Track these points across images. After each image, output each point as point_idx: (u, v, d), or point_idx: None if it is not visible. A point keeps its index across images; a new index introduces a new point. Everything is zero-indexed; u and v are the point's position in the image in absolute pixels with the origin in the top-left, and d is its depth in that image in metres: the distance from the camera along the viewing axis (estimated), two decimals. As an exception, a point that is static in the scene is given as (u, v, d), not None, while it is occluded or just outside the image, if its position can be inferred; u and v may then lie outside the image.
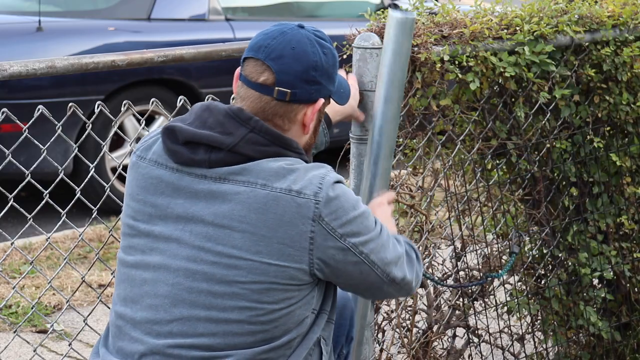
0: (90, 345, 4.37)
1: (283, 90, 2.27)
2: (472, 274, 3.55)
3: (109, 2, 6.95)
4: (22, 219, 2.80)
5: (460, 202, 3.48)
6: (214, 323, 2.23)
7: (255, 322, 2.23)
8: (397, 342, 3.41)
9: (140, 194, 2.31)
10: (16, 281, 3.15)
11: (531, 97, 3.47)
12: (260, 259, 2.21)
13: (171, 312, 2.25)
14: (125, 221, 2.35)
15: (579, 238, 3.71)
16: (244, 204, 2.21)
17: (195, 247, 2.24)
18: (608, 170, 3.74)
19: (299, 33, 2.30)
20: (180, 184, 2.27)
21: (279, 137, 2.26)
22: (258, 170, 2.23)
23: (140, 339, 2.28)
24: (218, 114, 2.26)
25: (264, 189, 2.21)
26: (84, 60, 2.73)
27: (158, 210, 2.28)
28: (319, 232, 2.23)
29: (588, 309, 3.73)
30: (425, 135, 3.28)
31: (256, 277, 2.21)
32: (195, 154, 2.24)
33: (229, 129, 2.24)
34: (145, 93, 6.40)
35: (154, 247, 2.28)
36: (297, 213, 2.21)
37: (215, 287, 2.22)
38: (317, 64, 2.29)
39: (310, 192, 2.22)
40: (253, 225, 2.21)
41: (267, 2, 7.65)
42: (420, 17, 3.23)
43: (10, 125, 5.68)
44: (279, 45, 2.27)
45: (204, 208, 2.24)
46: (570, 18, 3.45)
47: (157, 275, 2.27)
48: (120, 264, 2.36)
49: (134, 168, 2.35)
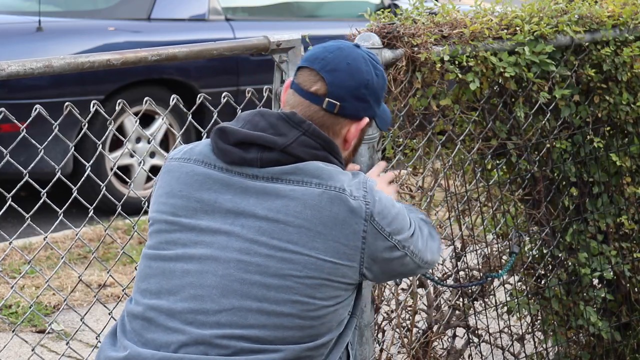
0: (89, 345, 4.38)
1: (333, 102, 2.33)
2: (472, 274, 3.55)
3: (109, 2, 6.95)
4: (22, 218, 2.80)
5: (460, 202, 3.48)
6: (265, 315, 2.24)
7: (305, 317, 2.26)
8: (397, 342, 3.41)
9: (183, 190, 2.32)
10: (15, 281, 3.15)
11: (531, 97, 3.47)
12: (316, 254, 2.25)
13: (220, 302, 2.25)
14: (161, 218, 2.35)
15: (579, 238, 3.71)
16: (299, 200, 2.26)
17: (248, 240, 2.26)
18: (608, 170, 3.74)
19: (355, 51, 2.37)
20: (229, 181, 2.30)
21: (329, 143, 2.33)
22: (312, 169, 2.28)
23: (180, 329, 2.26)
24: (270, 116, 2.31)
25: (319, 187, 2.27)
26: (80, 59, 2.73)
27: (204, 205, 2.30)
28: (370, 232, 2.30)
29: (588, 309, 3.73)
30: (425, 135, 3.28)
31: (311, 272, 2.25)
32: (247, 153, 2.28)
33: (281, 131, 2.29)
34: (145, 93, 6.39)
35: (198, 240, 2.29)
36: (351, 212, 2.27)
37: (269, 280, 2.24)
38: (368, 83, 2.36)
39: (360, 194, 2.29)
40: (309, 222, 2.25)
41: (267, 2, 7.66)
42: (420, 17, 3.23)
43: (10, 125, 5.69)
44: (335, 59, 2.34)
45: (256, 203, 2.27)
46: (570, 18, 3.45)
47: (203, 266, 2.28)
48: (149, 259, 2.35)
49: (173, 170, 2.37)
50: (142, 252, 2.39)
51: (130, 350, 2.28)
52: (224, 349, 2.23)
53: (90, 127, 6.03)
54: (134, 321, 2.33)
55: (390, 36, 3.06)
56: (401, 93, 3.13)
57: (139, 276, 2.38)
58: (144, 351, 2.27)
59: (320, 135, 2.31)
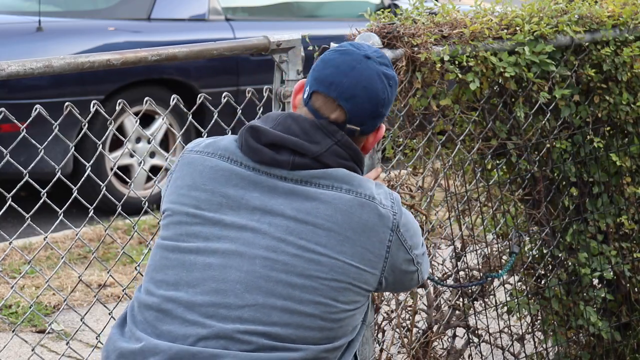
0: (89, 345, 4.38)
1: (353, 128, 2.34)
2: (472, 274, 3.55)
3: (109, 2, 6.95)
4: (21, 218, 2.80)
5: (460, 202, 3.48)
6: (289, 313, 2.25)
7: (327, 319, 2.27)
8: (397, 342, 3.41)
9: (207, 184, 2.32)
10: (15, 281, 3.15)
11: (531, 97, 3.47)
12: (344, 258, 2.27)
13: (243, 298, 2.25)
14: (181, 210, 2.34)
15: (579, 238, 3.71)
16: (329, 204, 2.28)
17: (275, 238, 2.27)
18: (608, 170, 3.74)
19: (368, 68, 2.34)
20: (257, 179, 2.30)
21: (358, 154, 2.35)
22: (341, 175, 2.30)
23: (199, 322, 2.25)
24: (303, 122, 2.31)
25: (349, 193, 2.29)
26: (80, 59, 2.73)
27: (230, 200, 2.30)
28: (395, 242, 2.33)
29: (588, 309, 3.73)
30: (425, 135, 3.28)
31: (337, 276, 2.27)
32: (278, 154, 2.29)
33: (315, 139, 2.30)
34: (145, 93, 6.39)
35: (222, 235, 2.29)
36: (380, 221, 2.30)
37: (294, 279, 2.26)
38: (385, 101, 2.36)
39: (388, 204, 2.33)
40: (339, 226, 2.27)
41: (267, 2, 7.65)
42: (420, 17, 3.23)
43: (10, 125, 5.69)
44: (351, 84, 2.32)
45: (284, 203, 2.28)
46: (570, 18, 3.45)
47: (227, 260, 2.27)
48: (167, 250, 2.33)
49: (195, 162, 2.36)
50: (157, 242, 2.37)
51: (146, 342, 2.26)
52: (245, 344, 2.23)
53: (90, 127, 6.04)
54: (147, 312, 2.31)
55: (390, 36, 3.06)
56: (401, 93, 3.13)
57: (153, 267, 2.35)
58: (160, 343, 2.25)
59: (352, 146, 2.33)
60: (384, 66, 2.37)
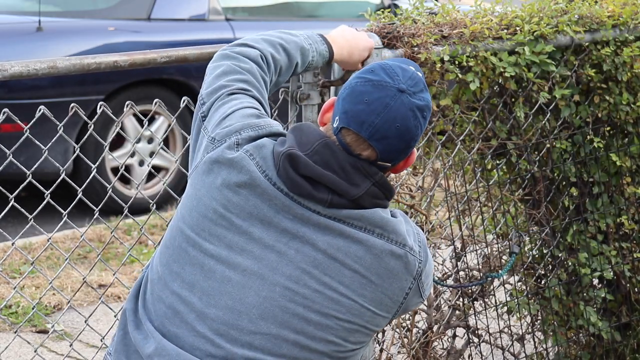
0: (90, 345, 4.38)
1: (384, 165, 2.28)
2: (472, 274, 3.55)
3: (109, 2, 6.95)
4: (22, 219, 2.80)
5: (460, 202, 3.48)
6: (299, 348, 2.22)
7: (334, 357, 2.25)
8: (397, 342, 3.41)
9: (241, 188, 2.23)
10: (16, 281, 3.15)
11: (531, 97, 3.47)
12: (362, 302, 2.24)
13: (257, 324, 2.21)
14: (210, 204, 2.25)
15: (579, 238, 3.71)
16: (361, 245, 2.23)
17: (299, 268, 2.22)
18: (608, 170, 3.74)
19: (402, 105, 2.23)
20: (291, 206, 2.23)
21: (392, 192, 2.30)
22: (376, 219, 2.25)
23: (208, 338, 2.21)
24: (343, 160, 2.24)
25: (381, 238, 2.25)
26: (86, 60, 2.70)
27: (261, 213, 2.23)
28: (413, 289, 2.30)
29: (588, 309, 3.73)
30: (425, 135, 3.28)
31: (352, 318, 2.24)
32: (317, 190, 2.22)
33: (355, 181, 2.23)
34: (146, 93, 6.41)
35: (247, 248, 2.23)
36: (405, 268, 2.27)
37: (311, 315, 2.22)
38: (417, 136, 2.28)
39: (416, 249, 2.29)
40: (366, 269, 2.24)
41: (267, 2, 7.66)
42: (420, 17, 3.23)
43: (10, 125, 5.68)
44: (384, 125, 2.22)
45: (316, 233, 2.23)
46: (570, 18, 3.45)
47: (247, 280, 2.22)
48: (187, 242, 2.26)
49: (237, 161, 2.24)
50: (176, 225, 2.28)
51: (157, 345, 2.23)
52: None
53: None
54: (159, 304, 2.26)
55: (390, 36, 3.06)
56: (401, 93, 3.13)
57: (170, 253, 2.27)
58: (169, 346, 2.22)
59: (387, 186, 2.28)
60: (418, 95, 2.26)
